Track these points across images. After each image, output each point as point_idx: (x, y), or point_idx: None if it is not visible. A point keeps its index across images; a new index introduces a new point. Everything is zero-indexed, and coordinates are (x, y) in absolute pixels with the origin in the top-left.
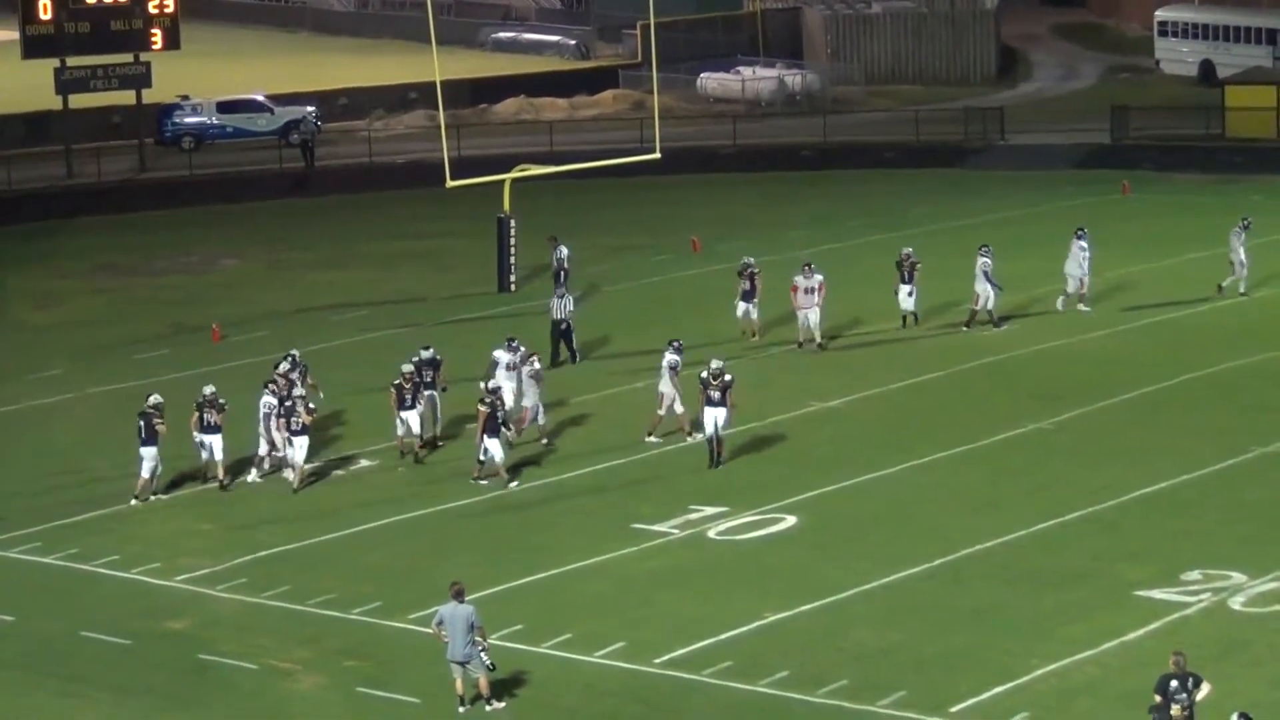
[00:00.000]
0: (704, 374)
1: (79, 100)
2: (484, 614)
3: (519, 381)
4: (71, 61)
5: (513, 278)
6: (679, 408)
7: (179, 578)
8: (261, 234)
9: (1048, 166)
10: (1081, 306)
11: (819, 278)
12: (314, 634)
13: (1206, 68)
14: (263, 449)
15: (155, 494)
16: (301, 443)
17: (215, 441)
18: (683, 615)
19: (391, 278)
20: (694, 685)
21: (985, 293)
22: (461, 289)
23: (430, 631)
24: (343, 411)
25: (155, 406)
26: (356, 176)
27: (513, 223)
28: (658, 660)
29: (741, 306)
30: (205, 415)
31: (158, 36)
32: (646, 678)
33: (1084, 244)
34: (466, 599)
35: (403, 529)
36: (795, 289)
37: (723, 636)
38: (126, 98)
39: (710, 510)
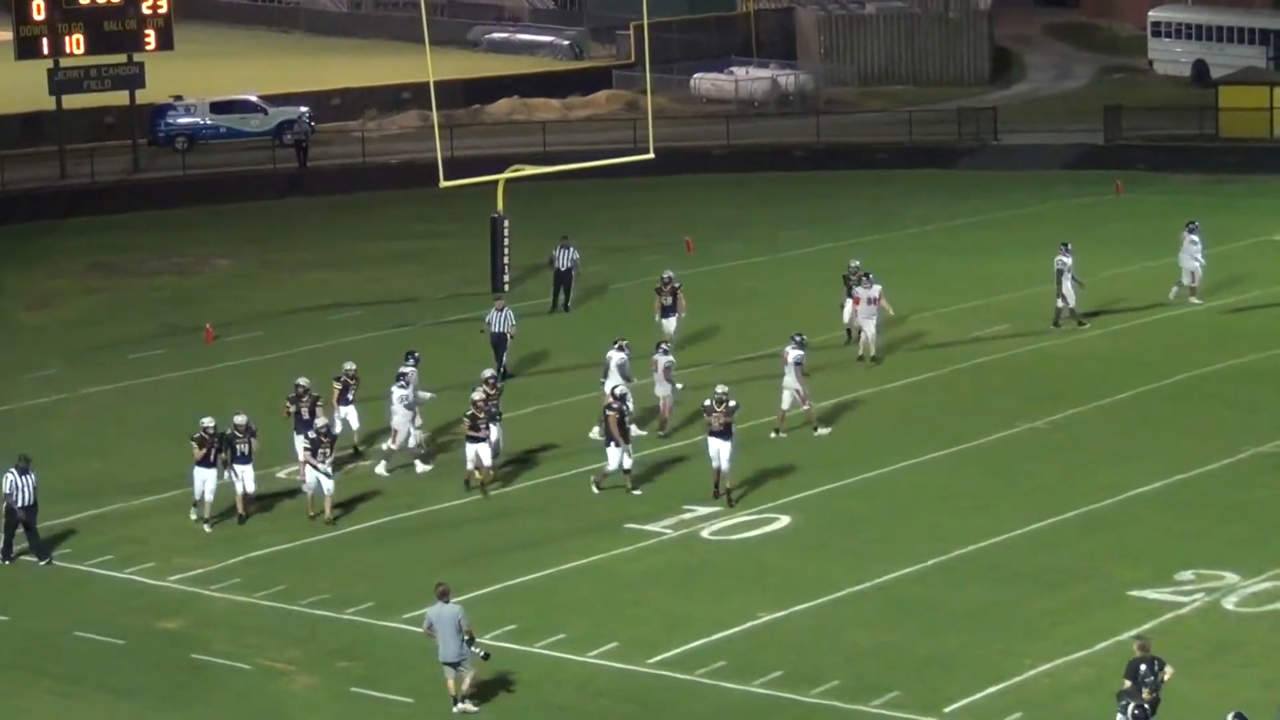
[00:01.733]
0: (707, 400)
1: (72, 101)
2: (477, 614)
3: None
4: (65, 62)
5: (506, 278)
6: (805, 404)
7: (173, 577)
8: (255, 234)
9: (1041, 167)
10: (1194, 300)
11: (878, 288)
12: (307, 634)
13: (1200, 68)
14: (400, 439)
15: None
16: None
17: (246, 472)
18: (676, 615)
19: (385, 278)
20: (687, 685)
21: (1068, 291)
22: (455, 289)
23: (422, 632)
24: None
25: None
26: (350, 177)
27: (506, 223)
28: (651, 660)
29: (666, 323)
30: (237, 445)
31: (151, 37)
32: (640, 677)
33: (1195, 237)
34: (456, 599)
35: (396, 529)
36: (856, 300)
37: (716, 636)
38: (120, 98)
39: (703, 510)
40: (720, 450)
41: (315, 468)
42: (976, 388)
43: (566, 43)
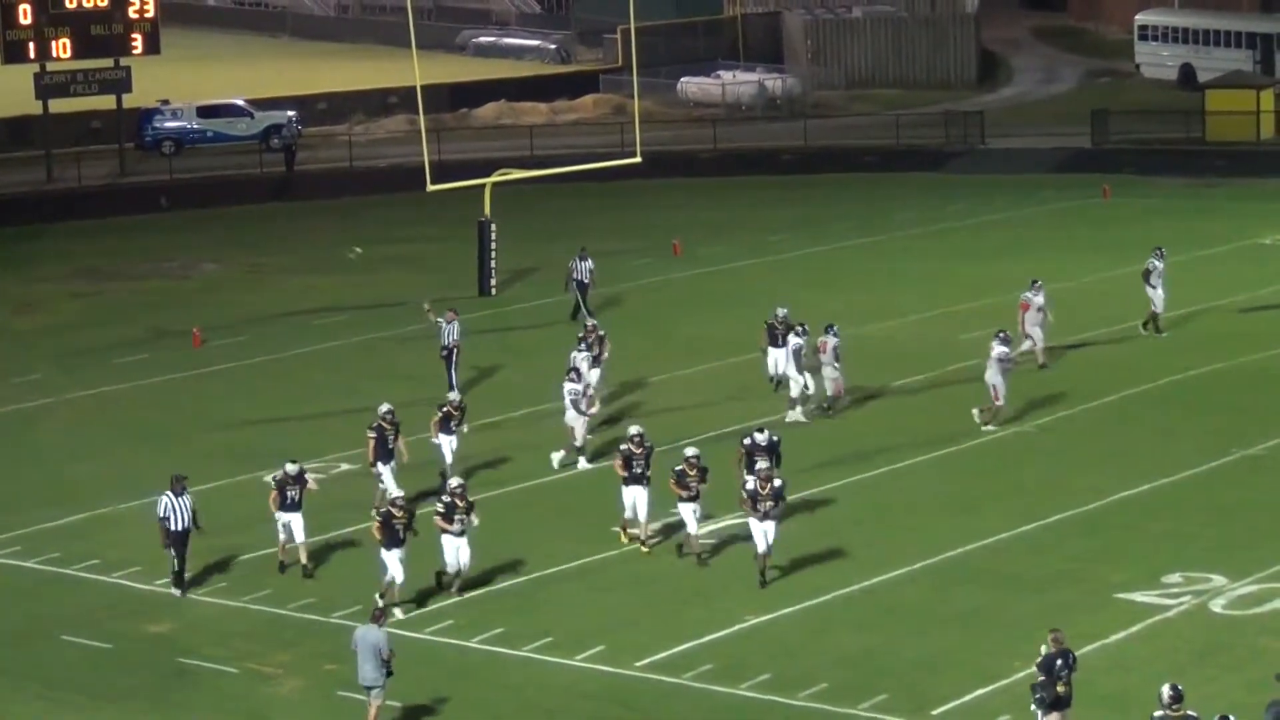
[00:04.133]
0: (750, 485)
1: (59, 105)
2: (464, 617)
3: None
4: (51, 66)
5: (493, 281)
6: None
7: (160, 581)
8: (242, 238)
9: (1028, 170)
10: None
11: (1043, 295)
12: (294, 637)
13: (1187, 71)
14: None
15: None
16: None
17: (295, 520)
18: (663, 618)
19: (372, 282)
20: (675, 688)
21: (1157, 297)
22: (443, 293)
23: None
24: (325, 416)
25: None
26: (337, 181)
27: (493, 227)
28: (639, 663)
29: (592, 373)
30: (288, 492)
31: (138, 41)
32: (627, 681)
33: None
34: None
35: None
36: (1026, 306)
37: (704, 639)
38: (106, 102)
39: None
40: (766, 530)
41: (448, 531)
42: (963, 391)
43: (553, 47)
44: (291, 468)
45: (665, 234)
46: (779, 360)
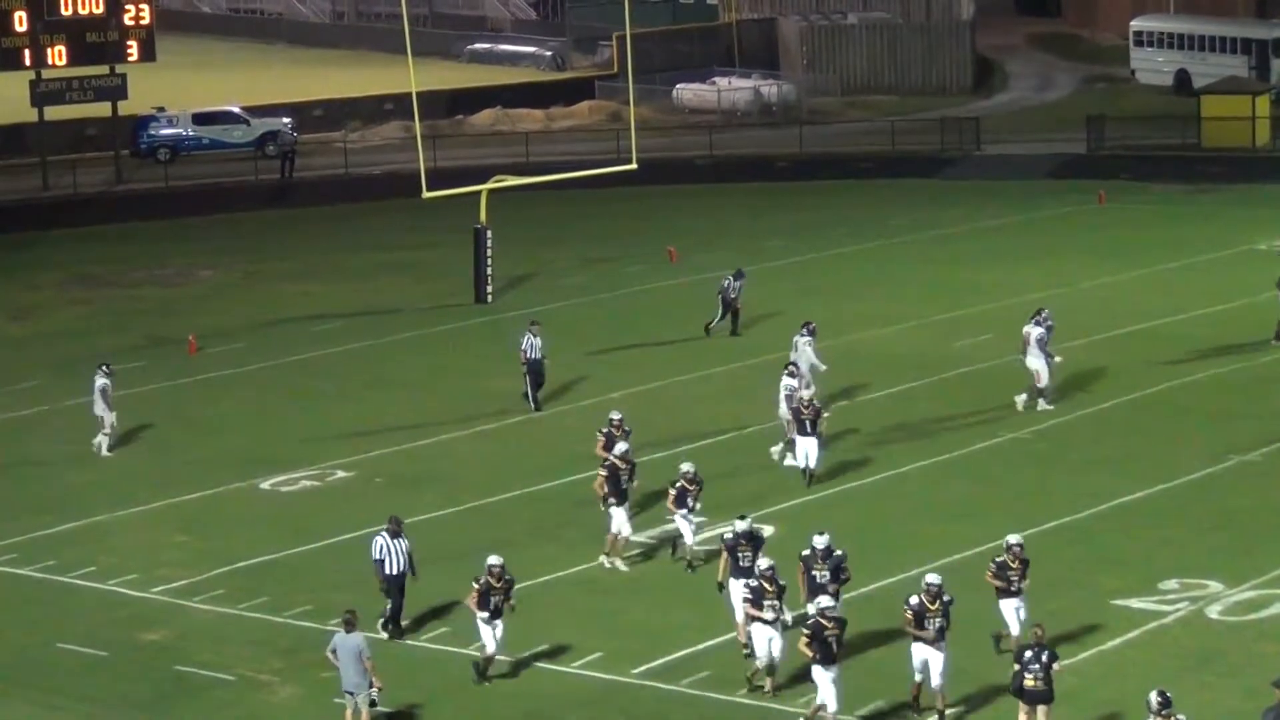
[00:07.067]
0: (728, 536)
1: (55, 112)
2: (461, 624)
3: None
4: (47, 74)
5: (489, 288)
6: (1043, 380)
7: (156, 589)
8: (237, 245)
9: (1024, 176)
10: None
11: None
12: (290, 645)
13: (1182, 77)
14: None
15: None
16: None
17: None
18: (661, 625)
19: (368, 289)
20: (672, 695)
21: None
22: (439, 300)
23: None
24: (322, 422)
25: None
26: (333, 188)
27: (489, 233)
28: (636, 670)
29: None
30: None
31: (134, 48)
32: (624, 688)
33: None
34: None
35: None
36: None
37: (701, 646)
38: (102, 110)
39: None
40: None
41: (762, 620)
42: (960, 397)
43: (549, 53)
44: (494, 561)
45: (661, 241)
46: (810, 452)
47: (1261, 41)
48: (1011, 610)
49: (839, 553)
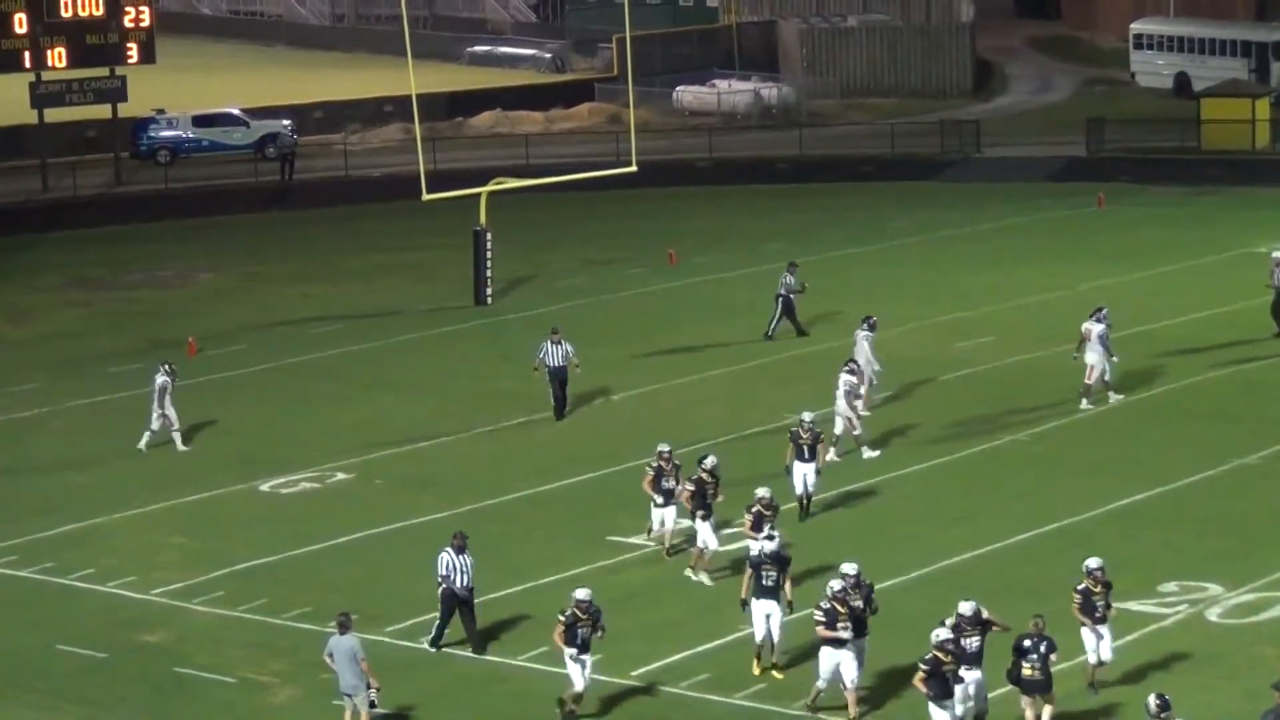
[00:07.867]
0: (754, 553)
1: (54, 114)
2: (457, 627)
3: None
4: (47, 75)
5: (489, 291)
6: (1107, 376)
7: (155, 591)
8: (237, 247)
9: (1024, 179)
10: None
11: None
12: (290, 647)
13: (1182, 80)
14: (838, 427)
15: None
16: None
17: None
18: (659, 627)
19: (368, 291)
20: (670, 698)
21: None
22: (438, 302)
23: (327, 663)
24: (322, 424)
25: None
26: (332, 190)
27: (489, 236)
28: (635, 673)
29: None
30: (579, 630)
31: (133, 50)
32: (624, 689)
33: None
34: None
35: (378, 542)
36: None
37: (700, 649)
38: (102, 112)
39: (687, 523)
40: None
41: (837, 639)
42: (959, 400)
43: (549, 56)
44: (581, 594)
45: (661, 243)
46: (808, 477)
47: (1261, 44)
48: (1094, 638)
49: (869, 582)
